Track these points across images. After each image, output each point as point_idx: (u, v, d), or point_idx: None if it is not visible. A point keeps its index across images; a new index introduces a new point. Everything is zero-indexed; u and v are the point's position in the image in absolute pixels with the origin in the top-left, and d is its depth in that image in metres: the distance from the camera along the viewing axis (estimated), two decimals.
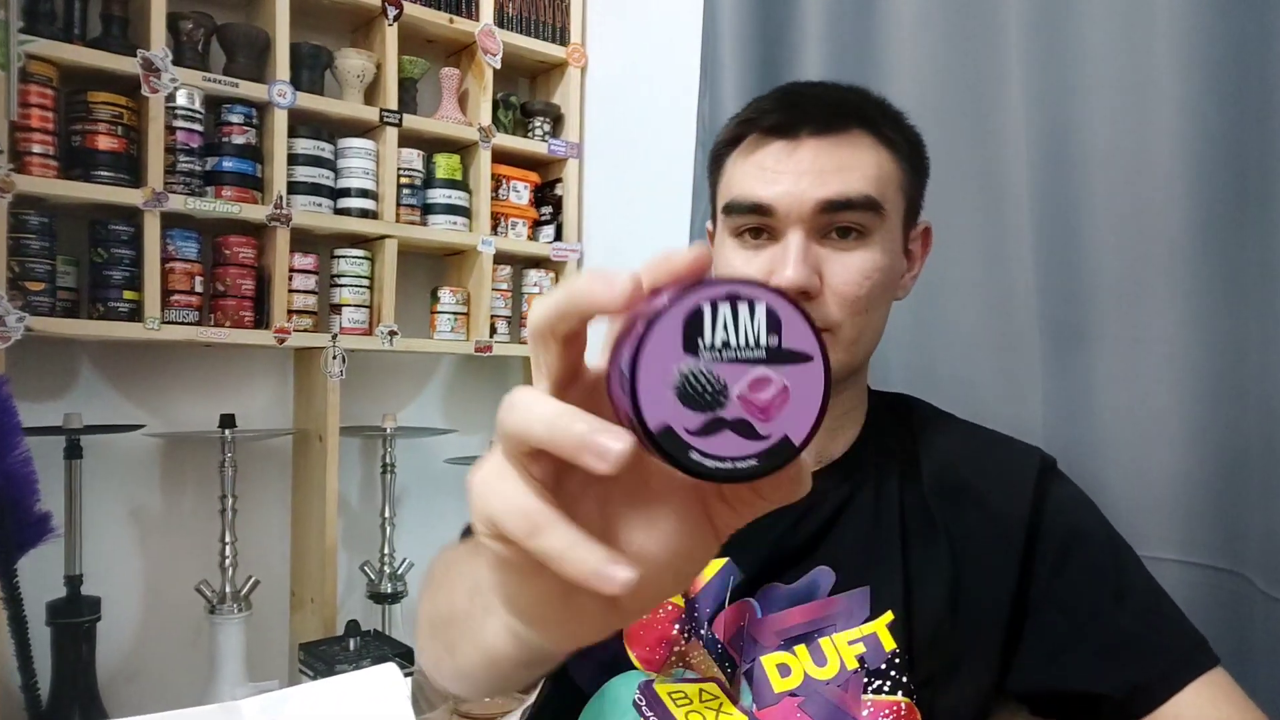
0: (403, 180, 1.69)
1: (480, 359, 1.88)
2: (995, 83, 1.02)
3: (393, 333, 1.66)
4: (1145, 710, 0.64)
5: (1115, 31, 0.90)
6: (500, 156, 1.81)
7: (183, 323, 1.45)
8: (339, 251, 1.65)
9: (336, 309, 1.64)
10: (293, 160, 1.55)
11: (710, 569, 0.71)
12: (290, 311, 1.56)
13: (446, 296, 1.76)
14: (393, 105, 1.65)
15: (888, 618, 0.69)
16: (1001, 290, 1.01)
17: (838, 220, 0.69)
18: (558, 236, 1.90)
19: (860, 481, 0.74)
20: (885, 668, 0.67)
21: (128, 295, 1.40)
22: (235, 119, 1.50)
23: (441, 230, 1.73)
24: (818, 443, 0.74)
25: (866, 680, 0.67)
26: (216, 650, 1.46)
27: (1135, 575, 0.70)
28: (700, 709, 0.67)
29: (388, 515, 1.67)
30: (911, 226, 0.76)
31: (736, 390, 0.28)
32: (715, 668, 0.69)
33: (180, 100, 1.44)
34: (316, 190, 1.58)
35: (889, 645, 0.68)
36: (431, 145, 1.75)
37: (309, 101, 1.56)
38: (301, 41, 1.57)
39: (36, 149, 1.33)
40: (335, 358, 1.57)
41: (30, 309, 1.32)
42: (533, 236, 1.88)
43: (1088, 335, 0.93)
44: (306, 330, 1.58)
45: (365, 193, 1.64)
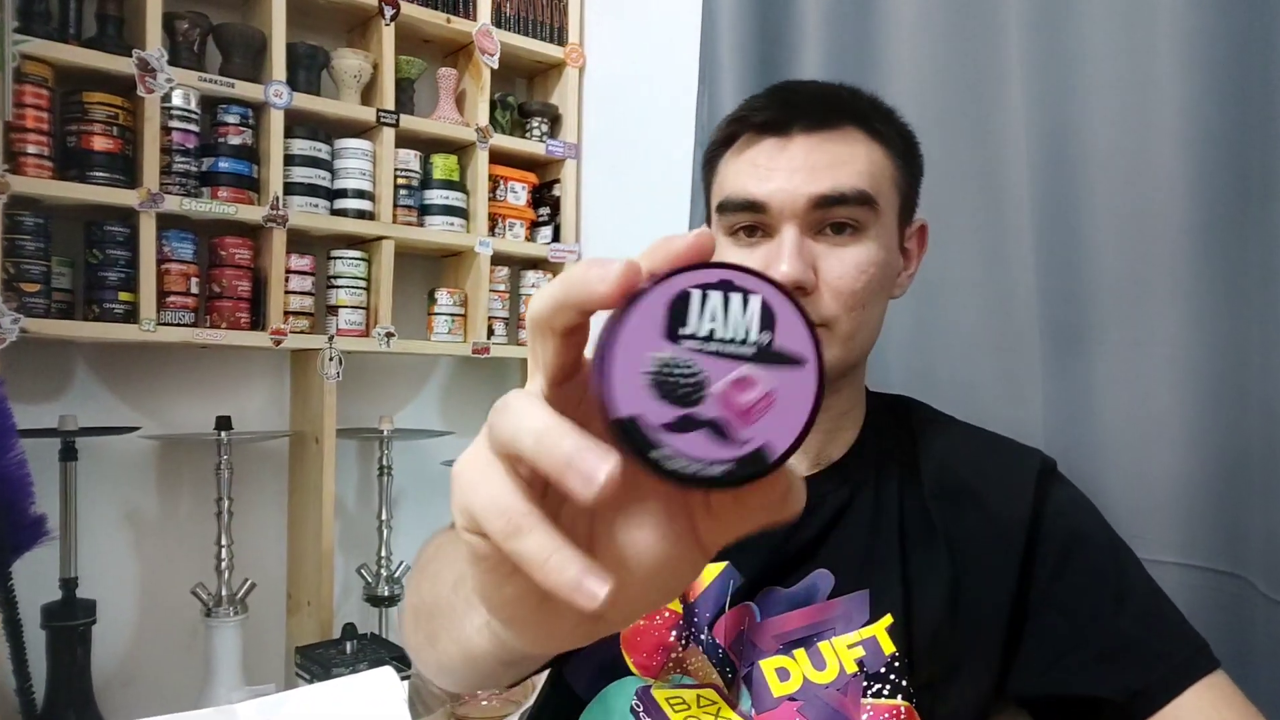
0: (399, 181, 1.68)
1: (478, 361, 1.87)
2: (995, 83, 1.01)
3: (390, 334, 1.65)
4: (1146, 714, 0.64)
5: (1116, 31, 0.90)
6: (498, 157, 1.81)
7: (178, 324, 1.45)
8: (335, 253, 1.64)
9: (333, 310, 1.63)
10: (289, 161, 1.55)
11: (709, 573, 0.71)
12: (286, 313, 1.55)
13: (444, 298, 1.76)
14: (389, 105, 1.64)
15: (887, 621, 0.68)
16: (1002, 291, 1.01)
17: (831, 216, 0.69)
18: (555, 238, 1.89)
19: (860, 484, 0.74)
20: (885, 671, 0.67)
21: (123, 296, 1.40)
22: (231, 119, 1.50)
23: (438, 231, 1.72)
24: (817, 444, 0.74)
25: (866, 684, 0.67)
26: (212, 654, 1.45)
27: (1136, 578, 0.70)
28: (698, 714, 0.67)
29: (384, 518, 1.66)
30: (907, 224, 0.76)
31: (716, 387, 0.26)
32: (714, 673, 0.69)
33: (176, 100, 1.43)
34: (313, 191, 1.57)
35: (888, 649, 0.68)
36: (428, 146, 1.74)
37: (305, 102, 1.55)
38: (298, 41, 1.57)
39: (31, 149, 1.33)
40: (332, 359, 1.57)
41: (25, 310, 1.31)
42: (530, 237, 1.87)
43: (1088, 337, 0.93)
44: (303, 332, 1.57)
45: (362, 193, 1.63)
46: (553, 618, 0.31)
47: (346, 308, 1.63)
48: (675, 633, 0.70)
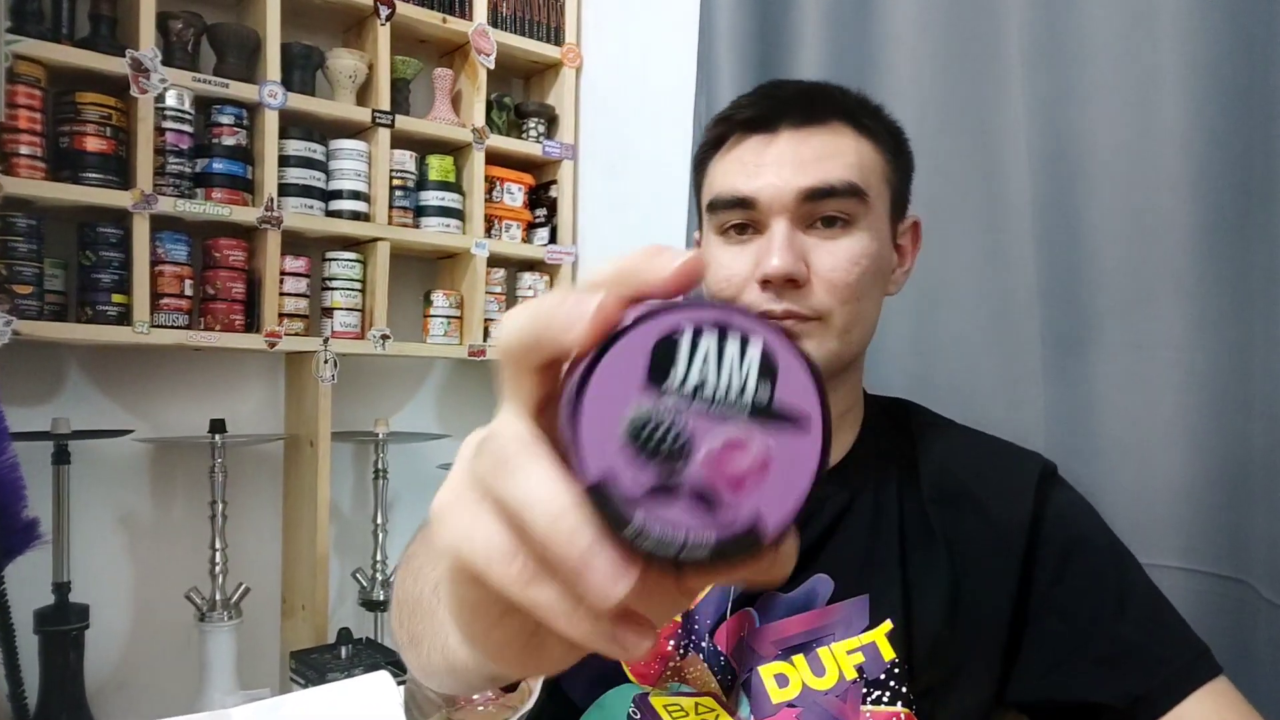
0: (395, 182, 1.67)
1: (474, 363, 1.87)
2: (996, 84, 1.01)
3: (385, 336, 1.64)
4: None
5: (1117, 32, 0.89)
6: (494, 158, 1.80)
7: (172, 326, 1.44)
8: (330, 254, 1.63)
9: (328, 312, 1.62)
10: (284, 162, 1.54)
11: None
12: (281, 315, 1.54)
13: (439, 300, 1.75)
14: (385, 106, 1.63)
15: (886, 627, 0.68)
16: (1002, 294, 1.00)
17: (821, 209, 0.68)
18: (552, 239, 1.89)
19: (859, 488, 0.73)
20: (884, 678, 0.66)
21: (116, 299, 1.39)
22: (225, 120, 1.49)
23: (434, 233, 1.71)
24: None
25: (865, 691, 0.66)
26: (206, 658, 1.44)
27: (1137, 582, 0.70)
28: None
29: (380, 521, 1.65)
30: (900, 220, 0.75)
31: (704, 449, 0.22)
32: (713, 681, 0.68)
33: (170, 101, 1.42)
34: (308, 192, 1.56)
35: (888, 655, 0.67)
36: (424, 146, 1.73)
37: (300, 102, 1.54)
38: (293, 41, 1.56)
39: (24, 150, 1.32)
40: (327, 362, 1.56)
41: (18, 312, 1.30)
42: (527, 239, 1.86)
43: (1089, 340, 0.92)
44: (298, 334, 1.56)
45: (357, 195, 1.62)
46: (540, 650, 0.28)
47: (341, 310, 1.62)
48: (674, 642, 0.70)
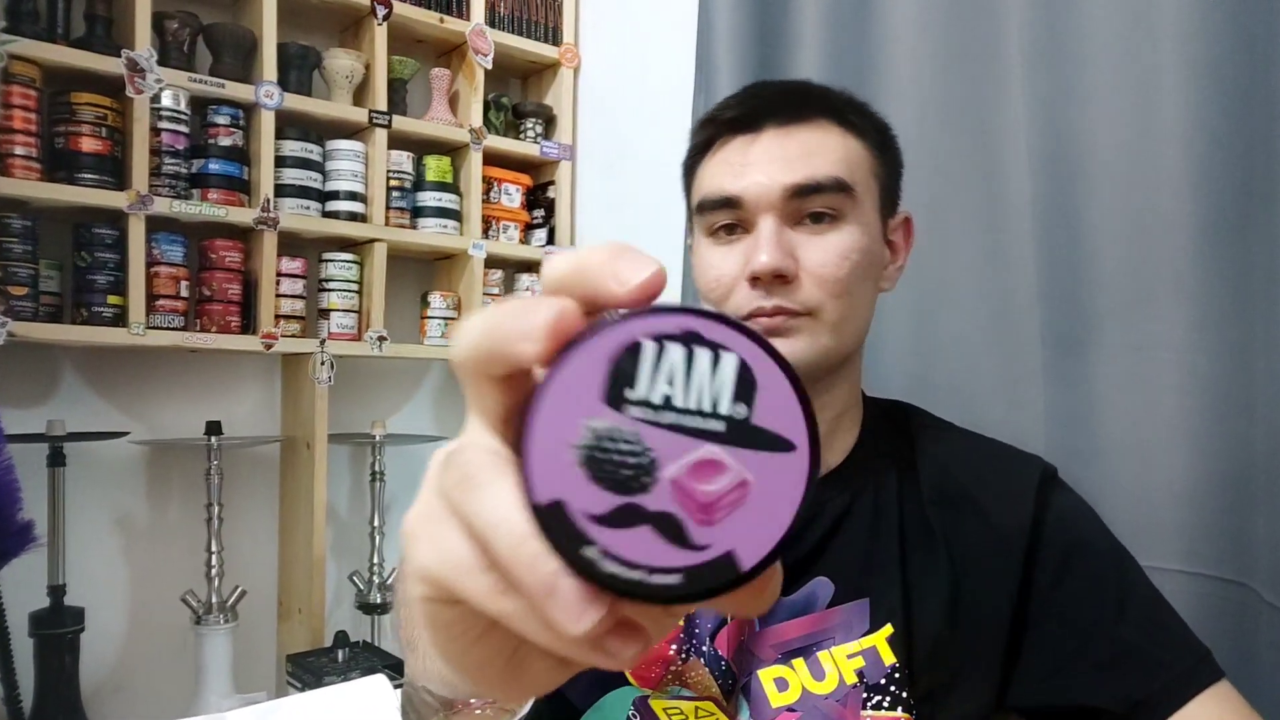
0: (392, 183, 1.67)
1: None
2: (996, 84, 1.00)
3: (382, 338, 1.64)
4: None
5: (1118, 32, 0.89)
6: (491, 158, 1.79)
7: (168, 328, 1.43)
8: (327, 255, 1.63)
9: (325, 314, 1.62)
10: (280, 162, 1.53)
11: None
12: (277, 316, 1.54)
13: (437, 301, 1.74)
14: (382, 106, 1.63)
15: (887, 631, 0.67)
16: (1002, 295, 1.00)
17: (809, 205, 0.68)
18: (550, 240, 1.88)
19: (859, 490, 0.73)
20: (885, 682, 0.66)
21: (112, 300, 1.38)
22: (222, 120, 1.48)
23: (431, 233, 1.71)
24: None
25: (866, 695, 0.66)
26: (202, 661, 1.44)
27: (1138, 586, 0.69)
28: None
29: (377, 524, 1.64)
30: (890, 216, 0.75)
31: (670, 471, 0.20)
32: (714, 686, 0.68)
33: (165, 101, 1.42)
34: (304, 193, 1.56)
35: (888, 659, 0.67)
36: (421, 147, 1.73)
37: (296, 103, 1.53)
38: (289, 41, 1.55)
39: (19, 151, 1.31)
40: (323, 363, 1.55)
41: (12, 314, 1.29)
42: (525, 240, 1.86)
43: (1090, 341, 0.92)
44: (294, 335, 1.56)
45: (354, 195, 1.61)
46: (522, 670, 0.27)
47: (338, 311, 1.61)
48: (675, 646, 0.69)
